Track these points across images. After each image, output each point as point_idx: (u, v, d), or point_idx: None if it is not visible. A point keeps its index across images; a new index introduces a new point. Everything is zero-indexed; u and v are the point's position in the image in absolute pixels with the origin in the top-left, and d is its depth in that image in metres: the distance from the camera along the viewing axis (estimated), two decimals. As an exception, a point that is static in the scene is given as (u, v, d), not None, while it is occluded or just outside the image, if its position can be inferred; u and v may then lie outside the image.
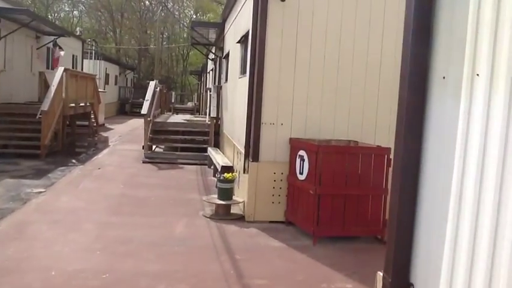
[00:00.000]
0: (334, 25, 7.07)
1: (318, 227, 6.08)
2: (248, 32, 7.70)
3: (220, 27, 14.28)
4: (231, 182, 7.50)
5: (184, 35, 44.05)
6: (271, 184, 7.06)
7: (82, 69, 22.70)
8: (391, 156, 6.58)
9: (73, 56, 21.72)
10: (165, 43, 48.17)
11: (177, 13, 48.08)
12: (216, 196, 7.61)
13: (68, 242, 5.84)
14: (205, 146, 12.94)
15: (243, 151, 7.54)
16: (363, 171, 6.18)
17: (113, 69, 33.15)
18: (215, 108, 13.46)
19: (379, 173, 6.23)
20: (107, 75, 30.01)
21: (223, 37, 14.09)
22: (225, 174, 7.49)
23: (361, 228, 6.28)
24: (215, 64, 17.92)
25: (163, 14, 37.18)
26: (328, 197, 6.12)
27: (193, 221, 7.07)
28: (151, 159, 12.76)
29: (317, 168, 6.06)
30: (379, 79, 7.19)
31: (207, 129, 13.44)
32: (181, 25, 45.90)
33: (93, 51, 27.35)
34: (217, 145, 13.00)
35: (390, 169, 6.33)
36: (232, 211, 7.52)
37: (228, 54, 12.35)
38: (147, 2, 47.93)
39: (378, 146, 6.47)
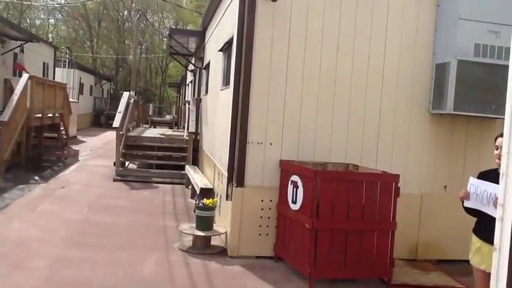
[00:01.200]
0: (331, 32, 6.19)
1: (315, 268, 5.10)
2: (232, 37, 6.78)
3: (201, 36, 13.35)
4: (212, 209, 6.49)
5: (163, 47, 42.95)
6: (258, 213, 6.07)
7: (54, 78, 21.43)
8: (408, 190, 5.78)
9: (44, 63, 20.48)
10: (143, 54, 46.99)
11: (156, 24, 46.98)
12: (194, 225, 6.58)
13: (7, 286, 4.73)
14: (183, 163, 11.89)
15: (225, 173, 6.56)
16: (368, 202, 5.26)
17: (88, 79, 31.85)
18: (194, 122, 12.44)
19: (386, 204, 5.31)
20: (81, 85, 28.71)
21: (204, 46, 13.15)
22: (205, 200, 6.48)
23: (365, 270, 5.32)
24: (195, 76, 16.95)
25: (142, 24, 36.10)
26: (327, 233, 5.16)
27: (167, 255, 6.02)
28: (123, 177, 11.63)
29: (314, 197, 5.11)
30: (381, 94, 6.33)
31: (185, 145, 12.40)
32: (160, 36, 44.83)
33: (67, 60, 26.08)
34: (195, 162, 11.97)
35: (398, 199, 5.50)
36: (213, 242, 6.50)
37: (208, 65, 11.40)
38: (125, 12, 46.74)
39: (383, 171, 5.56)
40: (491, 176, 3.61)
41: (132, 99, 15.39)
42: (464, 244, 6.68)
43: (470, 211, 3.77)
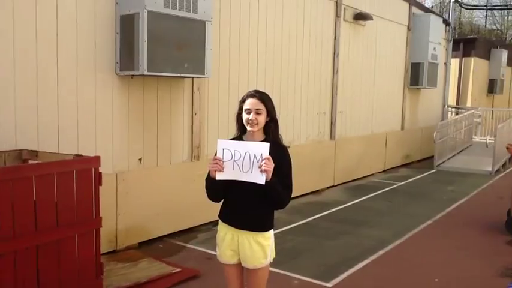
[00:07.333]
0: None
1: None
2: None
3: None
4: None
5: None
6: None
7: None
8: (101, 169, 4.54)
9: None
10: None
11: None
12: None
13: None
14: None
15: None
16: (62, 201, 3.86)
17: None
18: None
19: (86, 197, 4.03)
20: None
21: None
22: None
23: (70, 290, 3.98)
24: None
25: None
26: (9, 257, 3.54)
27: None
28: None
29: (-19, 211, 3.37)
30: (56, 55, 4.79)
31: None
32: None
33: None
34: None
35: (101, 188, 4.31)
36: None
37: None
38: None
39: (77, 155, 4.21)
40: None
41: None
42: (165, 218, 6.14)
43: (214, 192, 2.97)
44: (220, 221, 3.09)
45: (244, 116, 2.91)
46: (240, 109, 2.95)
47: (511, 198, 6.75)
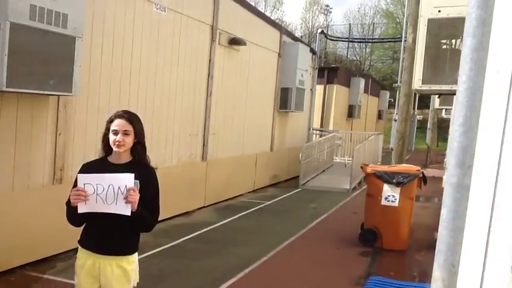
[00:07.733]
0: None
1: None
2: None
3: None
4: None
5: None
6: None
7: None
8: None
9: None
10: None
11: None
12: None
13: None
14: None
15: None
16: None
17: None
18: None
19: None
20: None
21: None
22: None
23: None
24: None
25: None
26: None
27: None
28: None
29: None
30: None
31: None
32: None
33: None
34: None
35: None
36: None
37: None
38: None
39: None
40: (104, 167, 2.82)
41: None
42: (18, 248, 5.53)
43: (74, 219, 2.85)
44: (80, 247, 2.97)
45: (111, 137, 2.83)
46: (107, 129, 2.87)
47: (365, 213, 7.45)
